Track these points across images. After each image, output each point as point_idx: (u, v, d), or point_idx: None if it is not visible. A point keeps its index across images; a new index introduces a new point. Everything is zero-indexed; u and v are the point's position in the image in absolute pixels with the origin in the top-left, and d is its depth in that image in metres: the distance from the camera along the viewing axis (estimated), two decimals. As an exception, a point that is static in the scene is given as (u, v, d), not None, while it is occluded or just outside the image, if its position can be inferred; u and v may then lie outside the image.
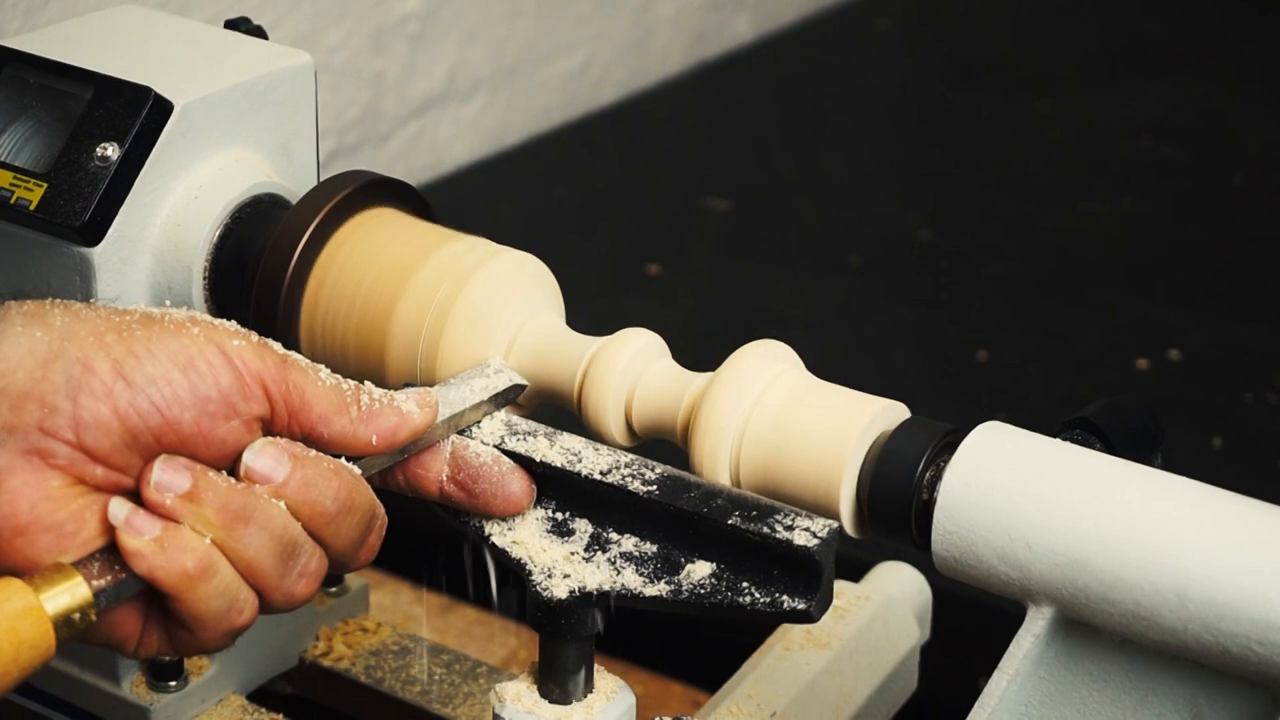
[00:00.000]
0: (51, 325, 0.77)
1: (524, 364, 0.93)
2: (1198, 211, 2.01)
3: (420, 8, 1.96)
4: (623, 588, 0.84)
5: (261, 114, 1.01)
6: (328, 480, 0.80)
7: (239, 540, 0.77)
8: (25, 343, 0.76)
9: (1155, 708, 0.82)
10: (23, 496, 0.75)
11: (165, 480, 0.77)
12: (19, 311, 0.78)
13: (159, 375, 0.77)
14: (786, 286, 1.82)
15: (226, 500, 0.77)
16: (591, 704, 0.86)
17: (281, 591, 0.80)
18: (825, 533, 0.81)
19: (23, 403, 0.75)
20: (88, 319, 0.78)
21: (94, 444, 0.76)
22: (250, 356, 0.79)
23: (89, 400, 0.76)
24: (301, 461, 0.80)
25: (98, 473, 0.77)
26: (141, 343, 0.77)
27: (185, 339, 0.78)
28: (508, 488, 0.86)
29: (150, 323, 0.79)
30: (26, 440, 0.75)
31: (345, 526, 0.81)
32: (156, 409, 0.77)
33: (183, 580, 0.76)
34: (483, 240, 0.96)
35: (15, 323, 0.77)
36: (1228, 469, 1.49)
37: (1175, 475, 0.82)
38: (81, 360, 0.76)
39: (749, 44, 2.45)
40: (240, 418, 0.79)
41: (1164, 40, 2.44)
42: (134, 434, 0.76)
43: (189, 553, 0.76)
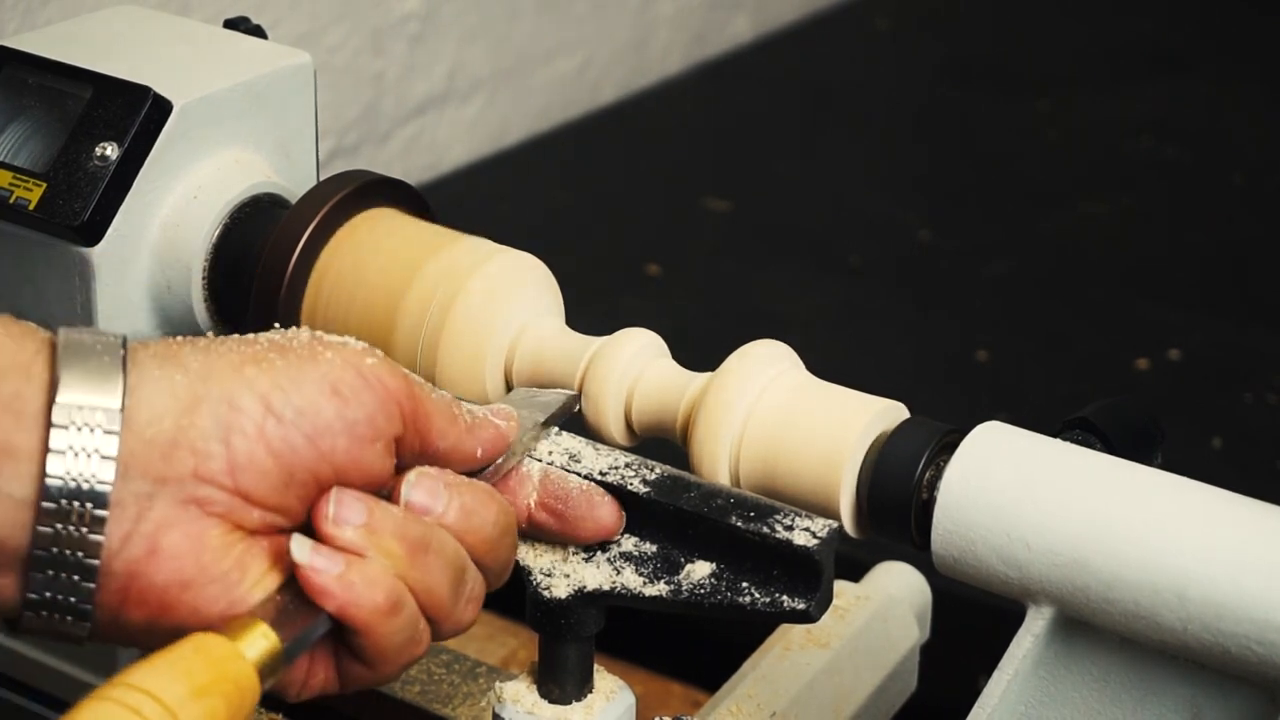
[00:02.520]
0: (187, 366, 0.74)
1: (523, 364, 0.93)
2: (1198, 211, 2.01)
3: (420, 8, 1.96)
4: (622, 588, 0.83)
5: (261, 114, 1.01)
6: (485, 505, 0.78)
7: (420, 569, 0.75)
8: (166, 387, 0.73)
9: (1155, 708, 0.82)
10: (186, 550, 0.72)
11: (342, 513, 0.74)
12: (149, 354, 0.74)
13: (307, 406, 0.74)
14: (786, 286, 1.82)
15: (405, 529, 0.75)
16: (591, 704, 0.86)
17: (453, 619, 0.77)
18: (825, 532, 0.81)
19: (173, 451, 0.72)
20: (222, 354, 0.75)
21: (251, 486, 0.73)
22: (385, 374, 0.76)
23: (241, 441, 0.72)
24: (457, 489, 0.78)
25: (254, 516, 0.73)
26: (283, 373, 0.74)
27: (324, 365, 0.75)
28: (597, 513, 0.84)
29: (284, 350, 0.75)
30: (182, 490, 0.72)
31: (503, 549, 0.79)
32: (309, 441, 0.73)
33: (374, 615, 0.74)
34: (482, 240, 0.96)
35: (149, 367, 0.73)
36: (1228, 469, 1.49)
37: (1175, 475, 0.82)
38: (227, 399, 0.73)
39: (749, 44, 2.45)
40: (382, 439, 0.76)
41: (1164, 40, 2.44)
42: (289, 471, 0.73)
43: (378, 586, 0.74)
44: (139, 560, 0.72)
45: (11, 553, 0.71)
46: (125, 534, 0.71)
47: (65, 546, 0.71)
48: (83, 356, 0.72)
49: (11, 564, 0.71)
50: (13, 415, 0.70)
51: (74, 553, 0.71)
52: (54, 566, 0.71)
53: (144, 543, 0.72)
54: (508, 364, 0.93)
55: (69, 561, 0.71)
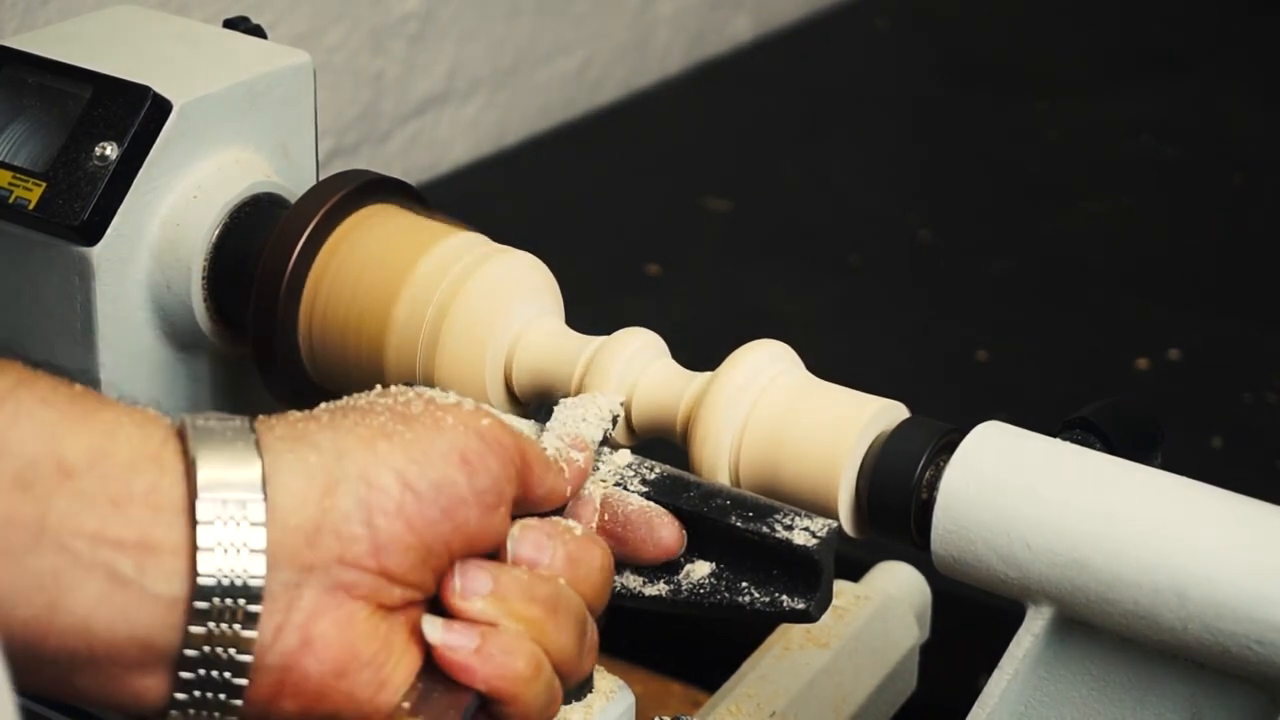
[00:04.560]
0: (319, 446, 0.71)
1: (523, 364, 0.93)
2: (1198, 211, 2.01)
3: (419, 7, 1.96)
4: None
5: (260, 113, 1.01)
6: (591, 552, 0.77)
7: (552, 629, 0.74)
8: (302, 470, 0.70)
9: (1155, 708, 0.82)
10: (337, 637, 0.70)
11: (469, 585, 0.73)
12: (276, 436, 0.71)
13: (443, 479, 0.72)
14: (786, 286, 1.81)
15: (532, 591, 0.74)
16: (591, 704, 0.86)
17: (580, 671, 0.77)
18: (825, 532, 0.81)
19: (318, 537, 0.70)
20: (349, 429, 0.73)
21: (394, 566, 0.71)
22: (502, 434, 0.75)
23: (383, 520, 0.71)
24: (560, 539, 0.76)
25: (396, 594, 0.72)
26: (415, 446, 0.72)
27: (449, 433, 0.73)
28: (658, 534, 0.82)
29: (409, 420, 0.73)
30: (329, 575, 0.70)
31: (607, 591, 0.78)
32: (446, 515, 0.72)
33: (518, 684, 0.72)
34: (482, 239, 0.96)
35: (281, 450, 0.71)
36: (1228, 469, 1.49)
37: (1175, 475, 0.82)
38: (364, 478, 0.71)
39: (749, 44, 2.45)
40: (505, 503, 0.75)
41: (1164, 40, 2.44)
42: (429, 546, 0.72)
43: (518, 654, 0.72)
44: (293, 653, 0.70)
45: (161, 653, 0.69)
46: (277, 626, 0.70)
47: (218, 645, 0.69)
48: (215, 444, 0.70)
49: (159, 664, 0.69)
50: (151, 509, 0.68)
51: (227, 650, 0.69)
52: (206, 665, 0.69)
53: (297, 634, 0.70)
54: (507, 364, 0.93)
55: (221, 659, 0.69)
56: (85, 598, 0.67)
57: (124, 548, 0.67)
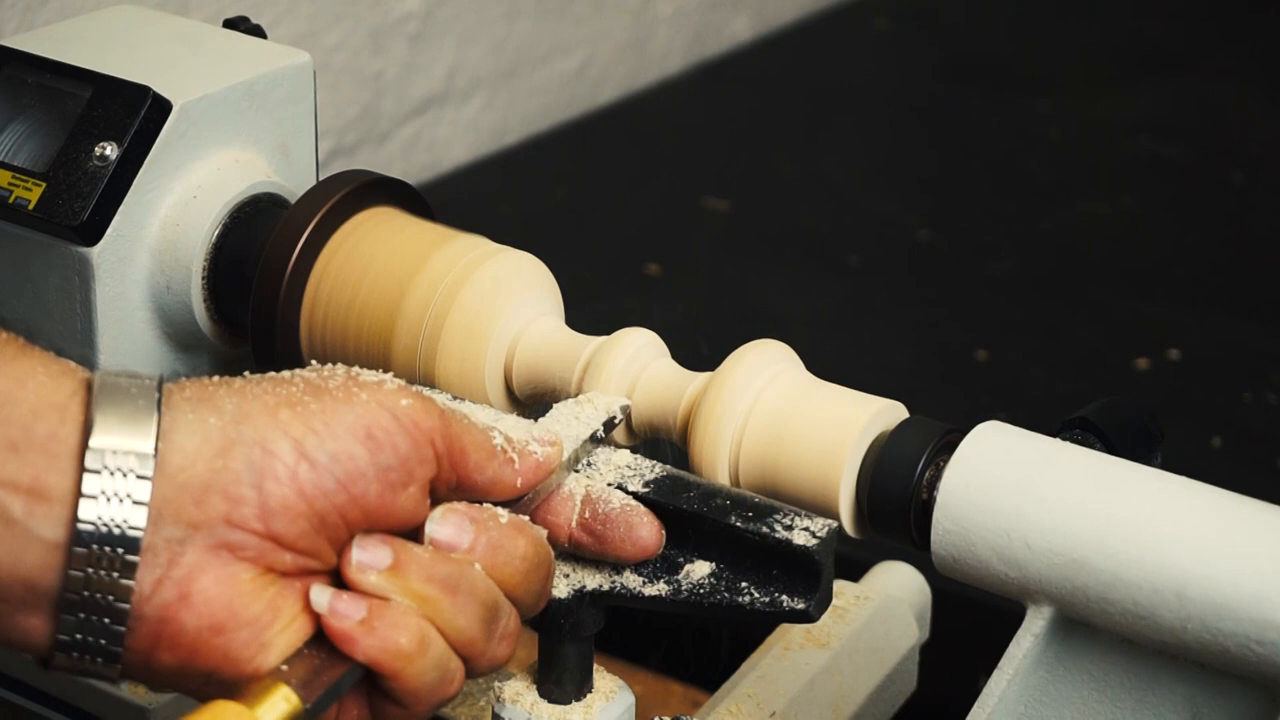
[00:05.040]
0: (222, 409, 0.73)
1: (523, 364, 0.93)
2: (1198, 211, 2.01)
3: (419, 8, 1.96)
4: (622, 587, 0.83)
5: (260, 113, 1.01)
6: (514, 540, 0.77)
7: (449, 609, 0.75)
8: (199, 430, 0.72)
9: (1155, 708, 0.82)
10: (217, 595, 0.72)
11: (367, 558, 0.74)
12: (183, 397, 0.73)
13: (341, 451, 0.73)
14: (786, 286, 1.82)
15: (432, 570, 0.75)
16: (591, 704, 0.86)
17: (487, 656, 0.77)
18: (824, 532, 0.81)
19: (206, 496, 0.71)
20: (256, 396, 0.74)
21: (283, 531, 0.72)
22: (420, 415, 0.76)
23: (274, 486, 0.72)
24: (485, 525, 0.77)
25: (286, 559, 0.73)
26: (318, 417, 0.74)
27: (359, 407, 0.74)
28: (637, 533, 0.83)
29: (319, 392, 0.75)
30: (213, 535, 0.72)
31: (533, 582, 0.79)
32: (341, 486, 0.73)
33: (400, 659, 0.73)
34: (482, 239, 0.96)
35: (184, 409, 0.73)
36: (1227, 469, 1.49)
37: (1175, 475, 0.82)
38: (260, 444, 0.72)
39: (748, 44, 2.45)
40: (416, 483, 0.76)
41: (1164, 40, 2.44)
42: (321, 516, 0.73)
43: (402, 629, 0.73)
44: (170, 605, 0.71)
45: (43, 594, 0.71)
46: (157, 579, 0.71)
47: (96, 590, 0.70)
48: (117, 399, 0.71)
49: (43, 605, 0.71)
50: (47, 456, 0.70)
51: (105, 597, 0.71)
52: (85, 609, 0.71)
53: (175, 588, 0.71)
54: (507, 363, 0.93)
55: (100, 605, 0.71)
56: None
57: (17, 490, 0.70)
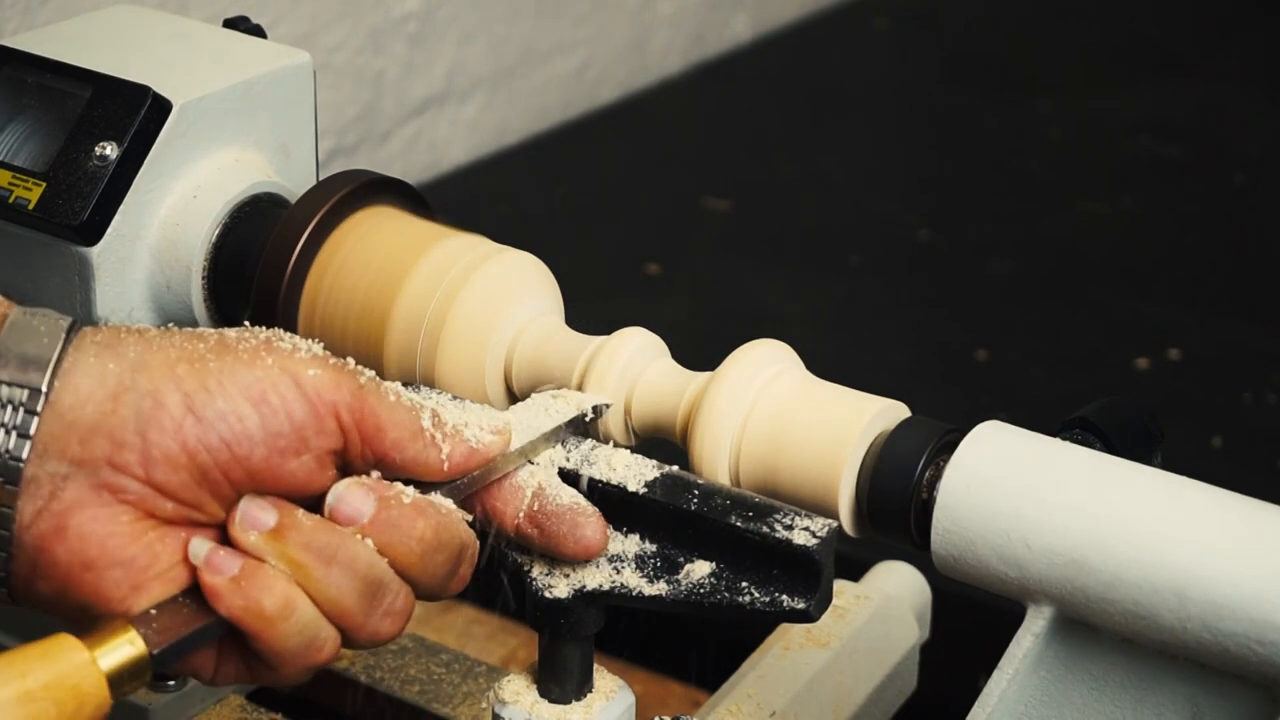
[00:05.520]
0: (124, 356, 0.75)
1: (523, 364, 0.93)
2: (1198, 211, 2.01)
3: (419, 7, 1.96)
4: (622, 587, 0.83)
5: (260, 113, 1.01)
6: (412, 520, 0.78)
7: (322, 579, 0.76)
8: (96, 373, 0.75)
9: (1155, 707, 0.82)
10: (91, 531, 0.74)
11: (251, 518, 0.76)
12: (93, 340, 0.76)
13: (229, 411, 0.75)
14: (786, 286, 1.82)
15: (311, 538, 0.76)
16: (591, 703, 0.86)
17: (366, 630, 0.78)
18: (825, 532, 0.81)
19: (92, 437, 0.74)
20: (161, 348, 0.76)
21: (163, 480, 0.75)
22: (326, 387, 0.77)
23: (157, 436, 0.74)
24: (386, 502, 0.78)
25: (168, 507, 0.75)
26: (214, 375, 0.75)
27: (259, 370, 0.76)
28: (580, 531, 0.83)
29: (225, 351, 0.76)
30: (96, 475, 0.74)
31: (432, 564, 0.79)
32: (225, 445, 0.75)
33: (259, 620, 0.75)
34: (482, 239, 0.96)
35: (89, 352, 0.75)
36: (1228, 468, 1.49)
37: (1175, 475, 0.82)
38: (151, 394, 0.75)
39: (748, 44, 2.45)
40: (312, 452, 0.77)
41: (1164, 40, 2.44)
42: (203, 470, 0.75)
43: (267, 591, 0.75)
44: (46, 536, 0.74)
45: None
46: (37, 510, 0.74)
47: None
48: (24, 336, 0.75)
49: None
50: None
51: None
52: None
53: (53, 520, 0.74)
54: (507, 363, 0.93)
55: None
56: None
57: None
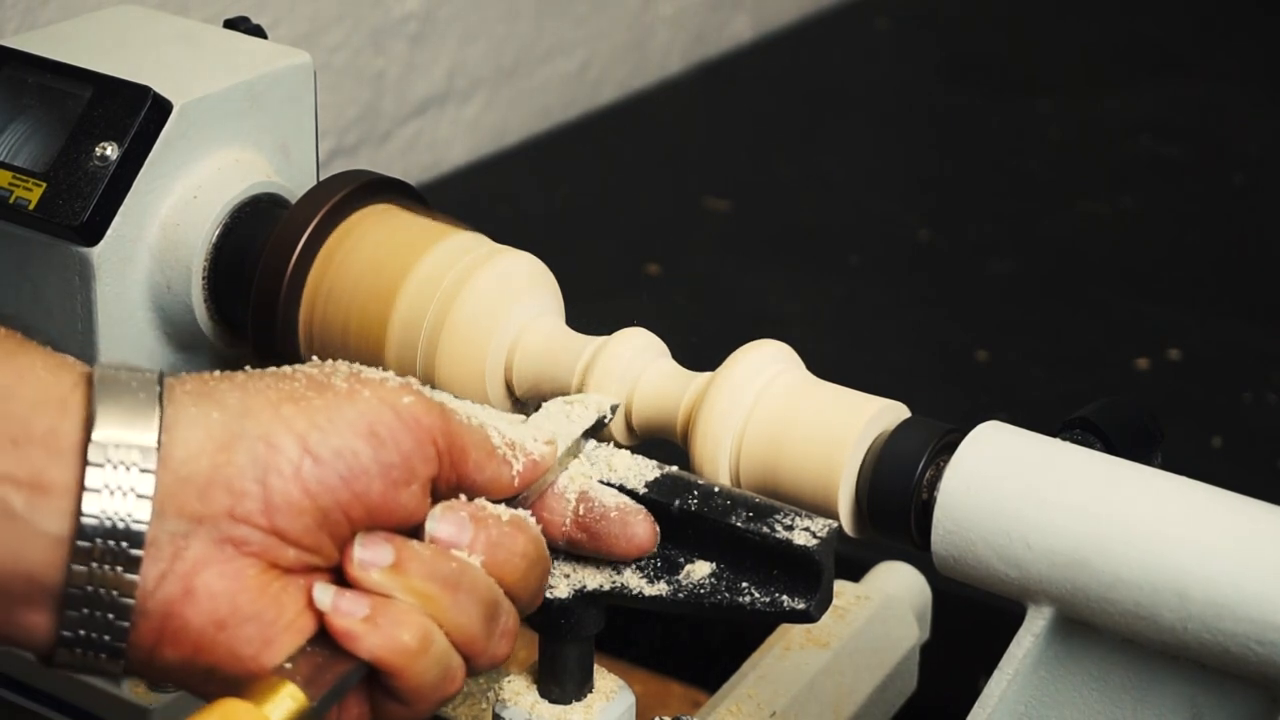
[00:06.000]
0: (225, 403, 0.73)
1: (524, 364, 0.93)
2: (1198, 211, 2.01)
3: (420, 8, 1.96)
4: (622, 587, 0.83)
5: (261, 114, 1.01)
6: (514, 538, 0.77)
7: (451, 607, 0.74)
8: (202, 424, 0.72)
9: (1155, 707, 0.82)
10: (221, 589, 0.71)
11: (369, 556, 0.74)
12: (185, 391, 0.73)
13: (344, 447, 0.73)
14: (786, 286, 1.82)
15: (433, 568, 0.74)
16: (591, 704, 0.86)
17: (488, 654, 0.77)
18: (825, 532, 0.81)
19: (209, 490, 0.71)
20: (259, 390, 0.74)
21: (286, 526, 0.72)
22: (421, 413, 0.75)
23: (278, 481, 0.72)
24: (484, 523, 0.77)
25: (290, 555, 0.73)
26: (321, 413, 0.73)
27: (361, 404, 0.74)
28: (632, 530, 0.83)
29: (322, 388, 0.75)
30: (217, 529, 0.71)
31: (532, 579, 0.78)
32: (344, 483, 0.73)
33: (403, 656, 0.73)
34: (482, 239, 0.96)
35: (185, 403, 0.72)
36: (1228, 468, 1.49)
37: (1175, 475, 0.82)
38: (264, 438, 0.72)
39: (749, 44, 2.45)
40: (418, 481, 0.75)
41: (1164, 40, 2.44)
42: (324, 512, 0.73)
43: (405, 626, 0.73)
44: (174, 600, 0.71)
45: (46, 589, 0.70)
46: (161, 573, 0.71)
47: (100, 585, 0.70)
48: (118, 392, 0.71)
49: (45, 600, 0.70)
50: (48, 451, 0.70)
51: (109, 591, 0.70)
52: (89, 605, 0.70)
53: (179, 583, 0.71)
54: (508, 364, 0.93)
55: (103, 600, 0.70)
56: None
57: (18, 485, 0.69)
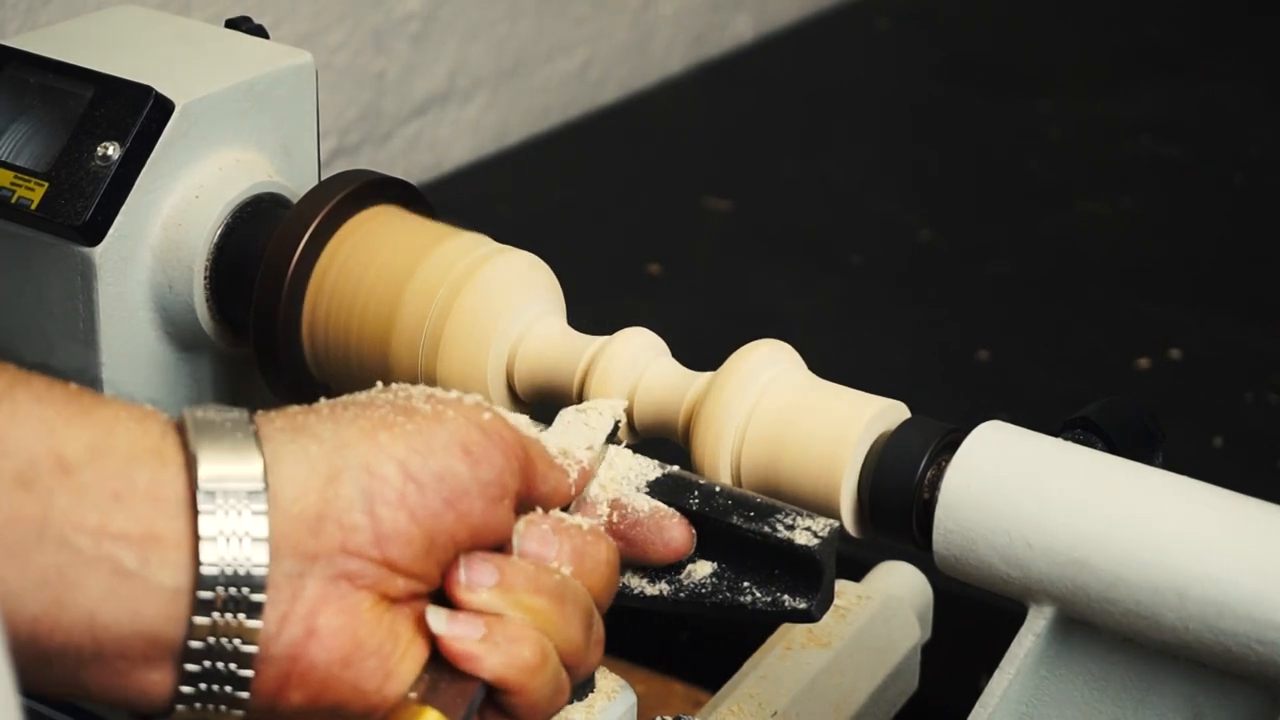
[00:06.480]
0: (321, 436, 0.71)
1: (525, 365, 0.93)
2: (1198, 211, 2.01)
3: (421, 8, 1.96)
4: (624, 587, 0.83)
5: (262, 113, 1.01)
6: (596, 546, 0.77)
7: (559, 619, 0.74)
8: (304, 460, 0.70)
9: (1155, 707, 0.82)
10: (342, 626, 0.70)
11: (474, 577, 0.73)
12: (276, 427, 0.71)
13: (445, 470, 0.72)
14: (786, 286, 1.82)
15: (539, 582, 0.74)
16: (592, 703, 0.86)
17: (586, 664, 0.76)
18: (826, 532, 0.81)
19: (321, 526, 0.70)
20: (350, 421, 0.73)
21: (397, 556, 0.71)
22: (504, 428, 0.75)
23: (385, 510, 0.71)
24: (567, 533, 0.76)
25: (399, 584, 0.72)
26: (416, 437, 0.72)
27: (450, 425, 0.73)
28: (668, 535, 0.82)
29: (410, 413, 0.74)
30: (331, 565, 0.70)
31: (613, 585, 0.78)
32: (448, 505, 0.72)
33: (524, 673, 0.72)
34: (483, 239, 0.96)
35: (281, 440, 0.71)
36: (1228, 468, 1.49)
37: (1176, 474, 0.82)
38: (366, 468, 0.71)
39: (749, 44, 2.45)
40: (509, 496, 0.75)
41: (1164, 40, 2.44)
42: (431, 536, 0.72)
43: (523, 642, 0.73)
44: (298, 643, 0.70)
45: (166, 645, 0.68)
46: (282, 615, 0.69)
47: (223, 635, 0.68)
48: (214, 435, 0.70)
49: (166, 656, 0.69)
50: (154, 502, 0.68)
51: (231, 641, 0.69)
52: (211, 657, 0.69)
53: (302, 624, 0.70)
54: (509, 364, 0.93)
55: (225, 651, 0.69)
56: (90, 592, 0.67)
57: (128, 541, 0.67)
